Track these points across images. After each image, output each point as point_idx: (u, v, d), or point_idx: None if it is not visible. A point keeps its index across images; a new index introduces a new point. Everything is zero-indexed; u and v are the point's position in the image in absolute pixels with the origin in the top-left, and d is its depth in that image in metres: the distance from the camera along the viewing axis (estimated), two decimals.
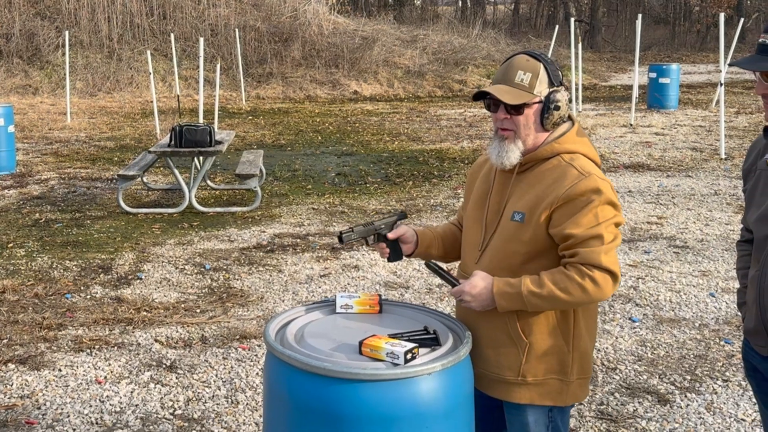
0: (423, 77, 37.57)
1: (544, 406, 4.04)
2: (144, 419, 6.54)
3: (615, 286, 3.81)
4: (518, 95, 3.84)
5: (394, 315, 4.18)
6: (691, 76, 41.95)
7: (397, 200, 14.52)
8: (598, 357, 7.71)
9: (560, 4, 69.53)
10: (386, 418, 3.53)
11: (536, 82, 3.86)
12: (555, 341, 3.97)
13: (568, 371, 4.01)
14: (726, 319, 8.72)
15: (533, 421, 4.06)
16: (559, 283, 3.76)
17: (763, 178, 3.70)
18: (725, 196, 14.61)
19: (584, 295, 3.76)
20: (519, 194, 3.95)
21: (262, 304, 9.23)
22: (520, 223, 3.90)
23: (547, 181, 3.88)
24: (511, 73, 3.89)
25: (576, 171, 3.83)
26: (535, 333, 3.95)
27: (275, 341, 3.82)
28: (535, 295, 3.78)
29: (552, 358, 3.98)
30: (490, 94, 3.88)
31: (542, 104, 3.88)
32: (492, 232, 4.03)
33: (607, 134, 22.71)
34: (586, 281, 3.74)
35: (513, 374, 4.00)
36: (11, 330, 8.34)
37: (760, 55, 3.47)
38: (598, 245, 3.75)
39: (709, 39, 62.79)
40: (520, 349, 3.96)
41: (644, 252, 11.11)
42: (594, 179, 3.80)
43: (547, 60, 3.93)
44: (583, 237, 3.76)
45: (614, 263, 3.77)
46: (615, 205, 3.83)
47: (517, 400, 4.03)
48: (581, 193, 3.77)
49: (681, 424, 6.43)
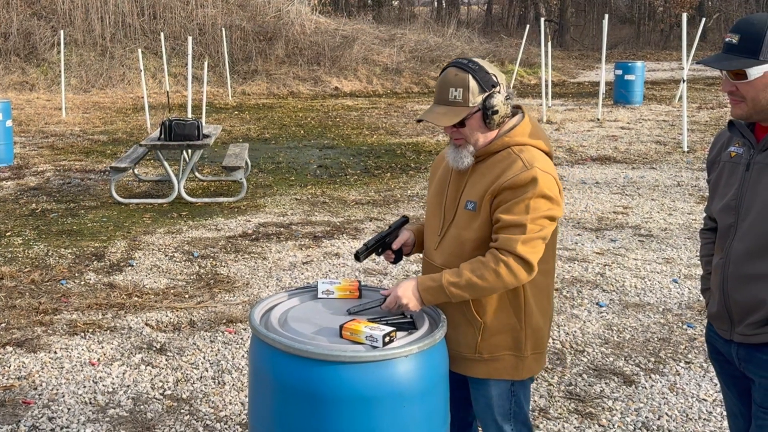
0: (400, 74, 37.60)
1: (506, 380, 4.13)
2: (135, 399, 6.52)
3: (529, 275, 3.87)
4: (455, 113, 3.91)
5: (374, 299, 4.16)
6: (655, 73, 42.06)
7: (376, 191, 14.50)
8: (567, 340, 7.72)
9: (531, 4, 69.59)
10: (366, 398, 3.53)
11: (469, 95, 3.89)
12: (508, 319, 4.04)
13: (522, 347, 4.08)
14: (688, 304, 8.74)
15: (497, 395, 4.15)
16: (475, 271, 3.83)
17: (726, 170, 3.72)
18: (687, 187, 14.65)
19: (498, 281, 3.82)
20: (472, 185, 4.02)
21: (247, 289, 9.21)
22: (473, 211, 3.97)
23: (496, 171, 3.93)
24: (444, 92, 3.93)
25: (521, 163, 3.88)
26: (488, 313, 4.02)
27: (260, 325, 3.82)
28: (454, 284, 3.85)
29: (506, 335, 4.06)
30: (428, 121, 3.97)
31: (481, 111, 3.92)
32: (450, 221, 4.09)
33: (576, 128, 22.74)
34: (500, 266, 3.80)
35: (470, 351, 4.08)
36: (9, 314, 8.31)
37: (726, 53, 3.49)
38: (518, 234, 3.81)
39: (672, 38, 63.07)
40: (475, 328, 4.04)
41: (611, 240, 11.13)
42: (534, 171, 3.83)
43: (475, 68, 3.93)
44: (508, 223, 3.83)
45: (530, 253, 3.82)
46: (550, 199, 3.86)
47: (475, 374, 4.13)
48: (520, 184, 3.82)
49: (646, 404, 6.45)
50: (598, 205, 13.24)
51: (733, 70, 3.45)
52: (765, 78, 3.42)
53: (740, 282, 3.59)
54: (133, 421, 6.18)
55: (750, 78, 3.42)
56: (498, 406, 4.17)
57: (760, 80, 3.42)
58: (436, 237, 4.16)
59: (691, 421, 6.16)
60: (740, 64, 3.43)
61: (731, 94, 3.53)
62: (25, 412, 6.28)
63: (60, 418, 6.20)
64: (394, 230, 4.36)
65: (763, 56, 3.38)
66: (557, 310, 8.51)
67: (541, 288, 4.11)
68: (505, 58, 41.87)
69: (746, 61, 3.42)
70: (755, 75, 3.41)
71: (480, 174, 3.99)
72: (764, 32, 3.38)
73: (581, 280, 9.46)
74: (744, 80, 3.44)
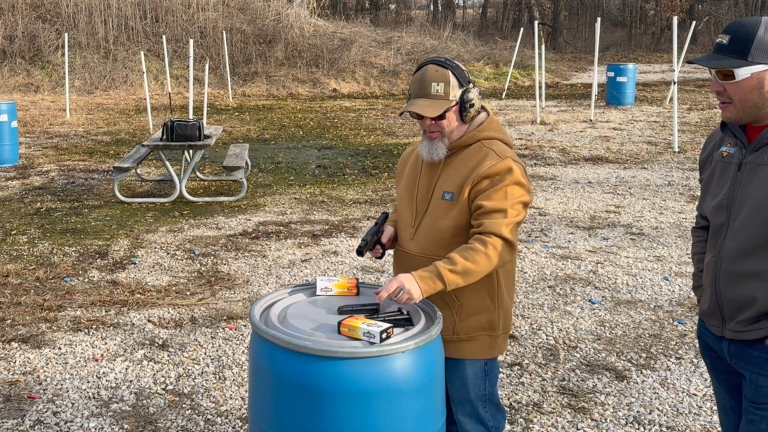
0: (397, 76, 37.57)
1: (479, 360, 4.31)
2: (138, 394, 6.52)
3: (512, 254, 4.09)
4: (438, 105, 4.12)
5: (371, 297, 4.18)
6: (646, 75, 42.04)
7: (373, 190, 14.50)
8: (560, 336, 7.73)
9: (525, 8, 69.49)
10: (363, 393, 3.54)
11: (449, 89, 4.13)
12: (483, 301, 4.23)
13: (495, 327, 4.30)
14: (679, 301, 8.74)
15: (472, 374, 4.33)
16: (468, 258, 3.96)
17: (718, 169, 3.73)
18: (678, 187, 14.65)
19: (488, 263, 3.99)
20: (446, 177, 4.22)
21: (247, 287, 9.21)
22: (450, 201, 4.17)
23: (471, 163, 4.15)
24: (426, 86, 4.14)
25: (494, 154, 4.13)
26: (465, 295, 4.19)
27: (260, 321, 3.83)
28: (451, 271, 3.95)
29: (481, 316, 4.25)
30: (414, 112, 4.13)
31: (459, 105, 4.15)
32: (423, 212, 4.27)
33: (569, 129, 22.73)
34: (489, 248, 3.97)
35: (448, 333, 4.23)
36: (14, 311, 8.30)
37: (716, 53, 3.50)
38: (501, 218, 4.02)
39: (663, 41, 63.00)
40: (453, 310, 4.22)
41: (603, 239, 11.13)
42: (509, 161, 4.10)
43: (453, 65, 4.20)
44: (490, 209, 4.03)
45: (513, 234, 4.03)
46: (524, 186, 4.12)
47: (453, 355, 4.26)
48: (497, 172, 4.06)
49: (637, 398, 6.45)
50: (590, 204, 13.24)
51: (721, 69, 3.46)
52: (752, 80, 3.42)
53: (732, 279, 3.60)
54: (136, 415, 6.18)
55: (737, 78, 3.43)
56: (473, 385, 4.33)
57: (747, 81, 3.43)
58: (410, 228, 4.32)
59: (681, 416, 6.16)
60: (729, 64, 3.43)
61: (719, 95, 3.54)
62: (30, 406, 6.28)
63: (64, 412, 6.20)
64: (380, 226, 4.43)
65: (752, 57, 3.39)
66: (551, 306, 8.52)
67: (509, 272, 4.33)
68: (500, 61, 41.86)
69: (734, 62, 3.43)
70: (742, 76, 3.42)
71: (454, 167, 4.20)
72: (754, 34, 3.39)
73: (574, 278, 9.46)
74: (732, 81, 3.45)
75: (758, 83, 3.43)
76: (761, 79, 3.42)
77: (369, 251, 4.37)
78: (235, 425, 6.05)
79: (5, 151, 16.93)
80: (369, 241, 4.30)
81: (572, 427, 5.99)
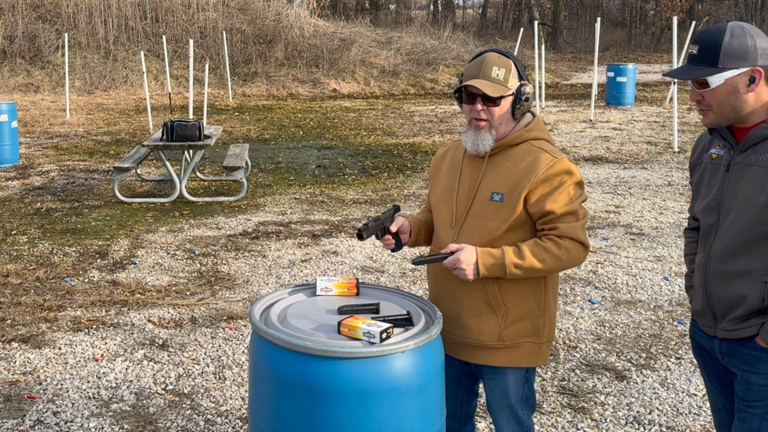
0: (397, 76, 37.60)
1: (521, 368, 4.19)
2: (138, 394, 6.52)
3: (586, 255, 4.04)
4: (497, 89, 3.97)
5: (370, 297, 4.18)
6: (646, 75, 42.05)
7: (373, 190, 14.51)
8: (560, 336, 7.73)
9: (525, 8, 69.53)
10: (363, 392, 3.53)
11: (509, 77, 4.01)
12: (529, 306, 4.11)
13: (540, 333, 4.17)
14: (678, 301, 8.75)
15: (513, 383, 4.20)
16: (537, 255, 3.92)
17: (708, 171, 3.80)
18: (678, 187, 14.65)
19: (557, 264, 3.95)
20: (493, 176, 4.08)
21: (247, 287, 9.21)
22: (500, 202, 4.03)
23: (521, 164, 4.02)
24: (487, 69, 4.00)
25: (549, 155, 4.02)
26: (512, 299, 4.08)
27: (260, 321, 3.82)
28: (517, 266, 3.92)
29: (527, 322, 4.12)
30: (474, 86, 3.99)
31: (514, 96, 4.03)
32: (465, 212, 4.12)
33: (569, 129, 22.74)
34: (562, 251, 3.93)
35: (493, 339, 4.11)
36: (14, 311, 8.31)
37: (689, 64, 3.60)
38: (574, 221, 3.97)
39: (663, 41, 63.03)
40: (499, 315, 4.08)
41: (603, 239, 11.13)
42: (566, 161, 4.01)
43: (515, 57, 4.09)
44: (561, 213, 3.95)
45: (586, 236, 3.98)
46: (582, 185, 4.05)
47: (497, 363, 4.15)
48: (556, 173, 3.97)
49: (637, 398, 6.45)
50: (590, 204, 13.23)
51: (695, 79, 3.53)
52: (726, 85, 3.52)
53: (722, 279, 3.66)
54: (136, 415, 6.18)
55: (712, 86, 3.53)
56: (514, 392, 4.22)
57: (722, 87, 3.53)
58: (451, 229, 4.18)
59: (681, 416, 6.17)
60: (701, 74, 3.53)
61: (698, 103, 3.66)
62: (30, 406, 6.28)
63: (64, 412, 6.20)
64: (389, 215, 4.34)
65: (722, 64, 3.48)
66: None
67: (555, 278, 4.24)
68: None
69: (706, 70, 3.52)
70: (716, 83, 3.52)
71: (502, 167, 4.08)
72: (721, 41, 3.49)
73: (574, 278, 9.46)
74: (707, 89, 3.55)
75: (733, 88, 3.52)
76: (735, 83, 3.52)
77: (377, 239, 4.32)
78: (235, 425, 6.05)
79: (5, 151, 16.94)
80: (371, 227, 4.21)
81: (572, 427, 6.00)
